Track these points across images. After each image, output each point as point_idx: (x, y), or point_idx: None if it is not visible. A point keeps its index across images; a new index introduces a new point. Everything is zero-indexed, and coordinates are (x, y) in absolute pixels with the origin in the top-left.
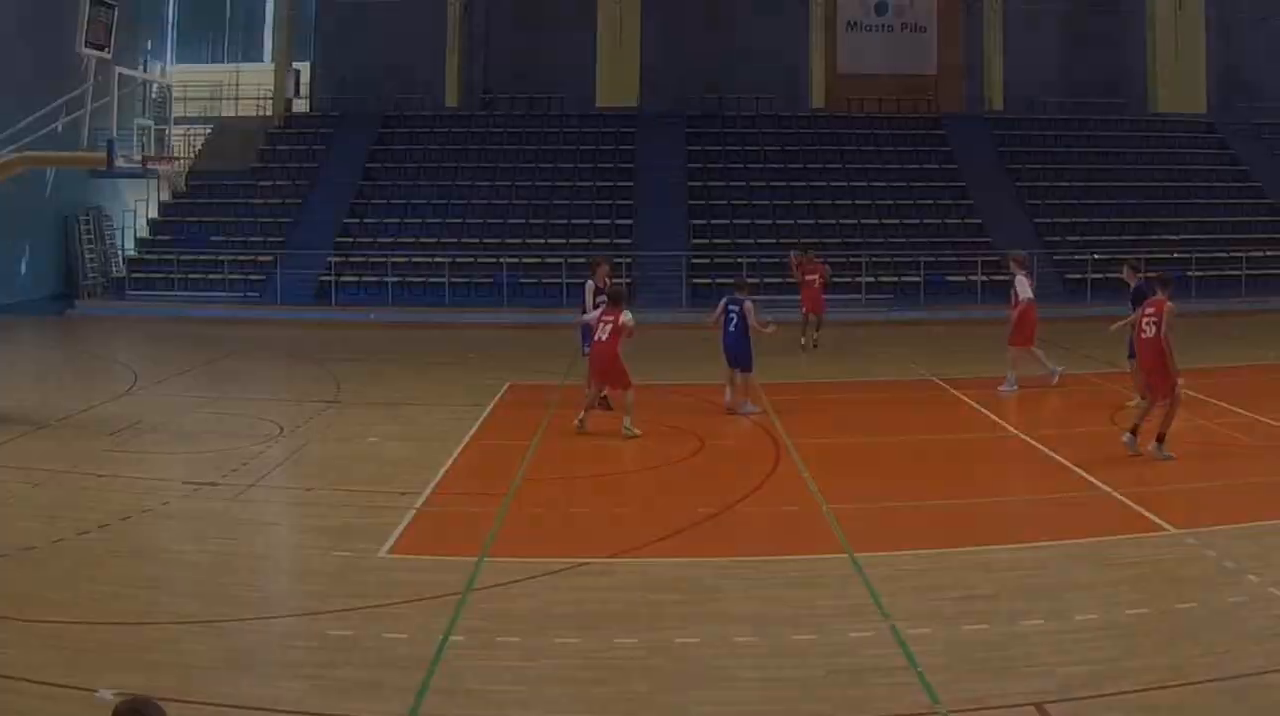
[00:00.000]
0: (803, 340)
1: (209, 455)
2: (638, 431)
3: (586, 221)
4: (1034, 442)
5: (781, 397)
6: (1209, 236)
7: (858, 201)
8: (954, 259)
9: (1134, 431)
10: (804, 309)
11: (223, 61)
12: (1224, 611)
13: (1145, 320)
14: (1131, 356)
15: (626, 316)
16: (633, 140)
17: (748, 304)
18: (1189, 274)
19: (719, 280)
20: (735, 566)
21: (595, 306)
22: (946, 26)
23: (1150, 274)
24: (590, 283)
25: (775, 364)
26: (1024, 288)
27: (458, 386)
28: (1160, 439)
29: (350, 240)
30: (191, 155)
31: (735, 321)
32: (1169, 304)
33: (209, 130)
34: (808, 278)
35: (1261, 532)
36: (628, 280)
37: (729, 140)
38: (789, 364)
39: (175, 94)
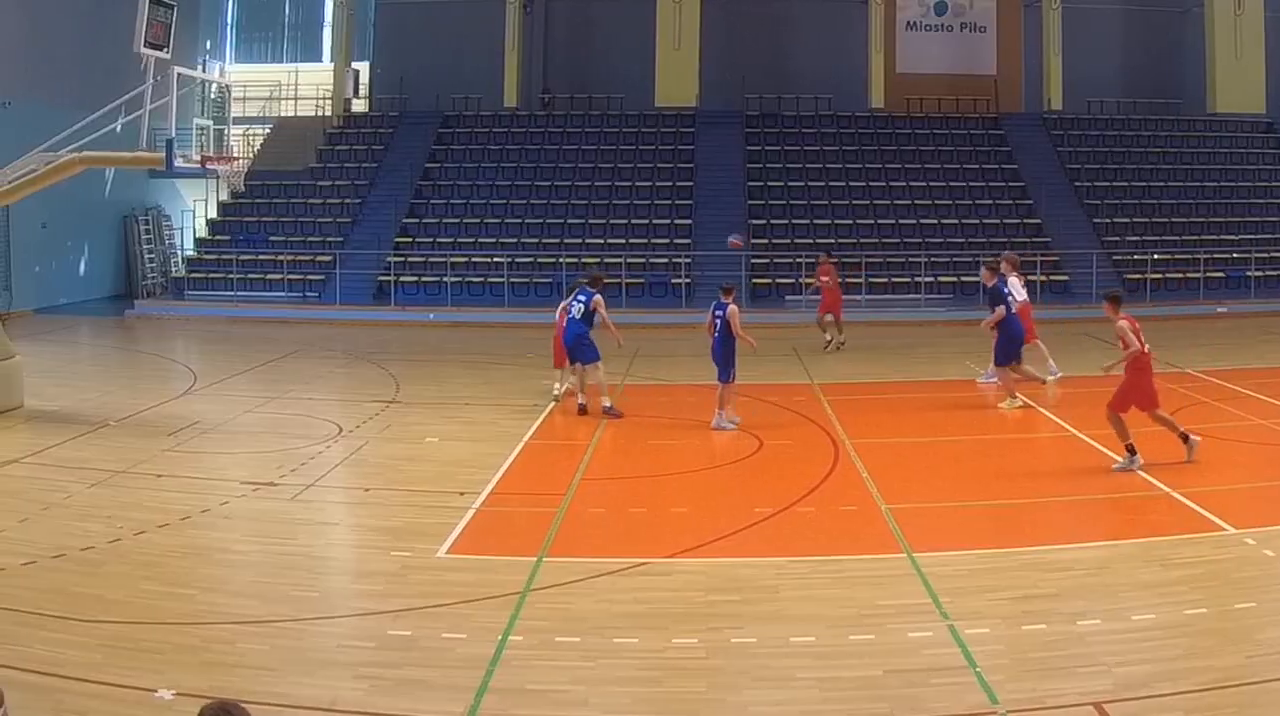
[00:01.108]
0: (827, 343)
1: (268, 455)
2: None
3: (645, 221)
4: (1093, 442)
5: (840, 398)
6: (1268, 236)
7: (917, 202)
8: None
9: (1184, 439)
10: (820, 311)
11: (281, 61)
12: None
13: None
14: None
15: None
16: (692, 140)
17: (732, 308)
18: (1248, 274)
19: (779, 279)
20: (794, 566)
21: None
22: (1006, 27)
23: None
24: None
25: (833, 365)
26: (1018, 289)
27: (516, 386)
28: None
29: (409, 240)
30: (250, 155)
31: (719, 326)
32: (1121, 323)
33: (268, 130)
34: (823, 279)
35: None
36: (687, 279)
37: (788, 140)
38: (848, 364)
39: (234, 94)
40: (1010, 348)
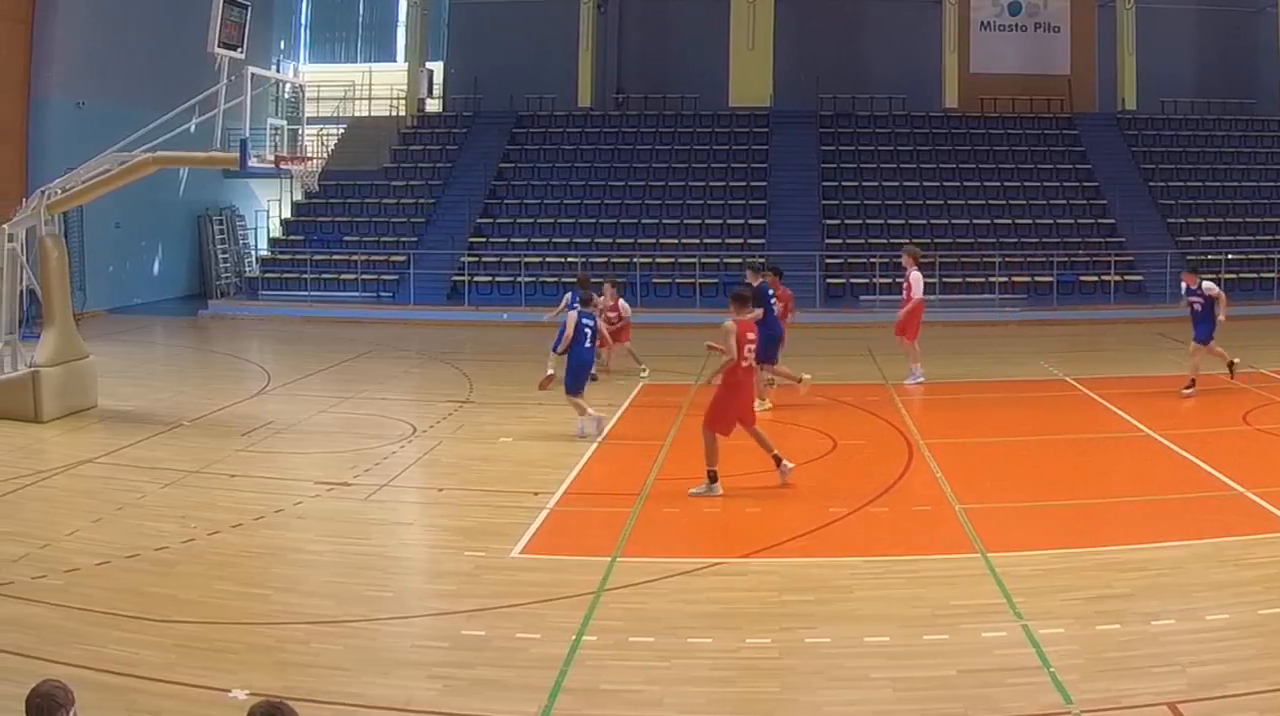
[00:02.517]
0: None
1: (341, 455)
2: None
3: (719, 221)
4: (1166, 442)
5: (914, 398)
6: None
7: (991, 201)
8: (1086, 259)
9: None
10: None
11: (355, 61)
12: None
13: None
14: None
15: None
16: (766, 140)
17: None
18: None
19: (853, 279)
20: (867, 566)
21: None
22: (1080, 26)
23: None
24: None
25: (908, 365)
26: (918, 284)
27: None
28: None
29: (483, 240)
30: (324, 155)
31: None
32: (728, 325)
33: (342, 130)
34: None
35: None
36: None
37: (862, 140)
38: (922, 364)
39: (308, 94)
40: (767, 349)
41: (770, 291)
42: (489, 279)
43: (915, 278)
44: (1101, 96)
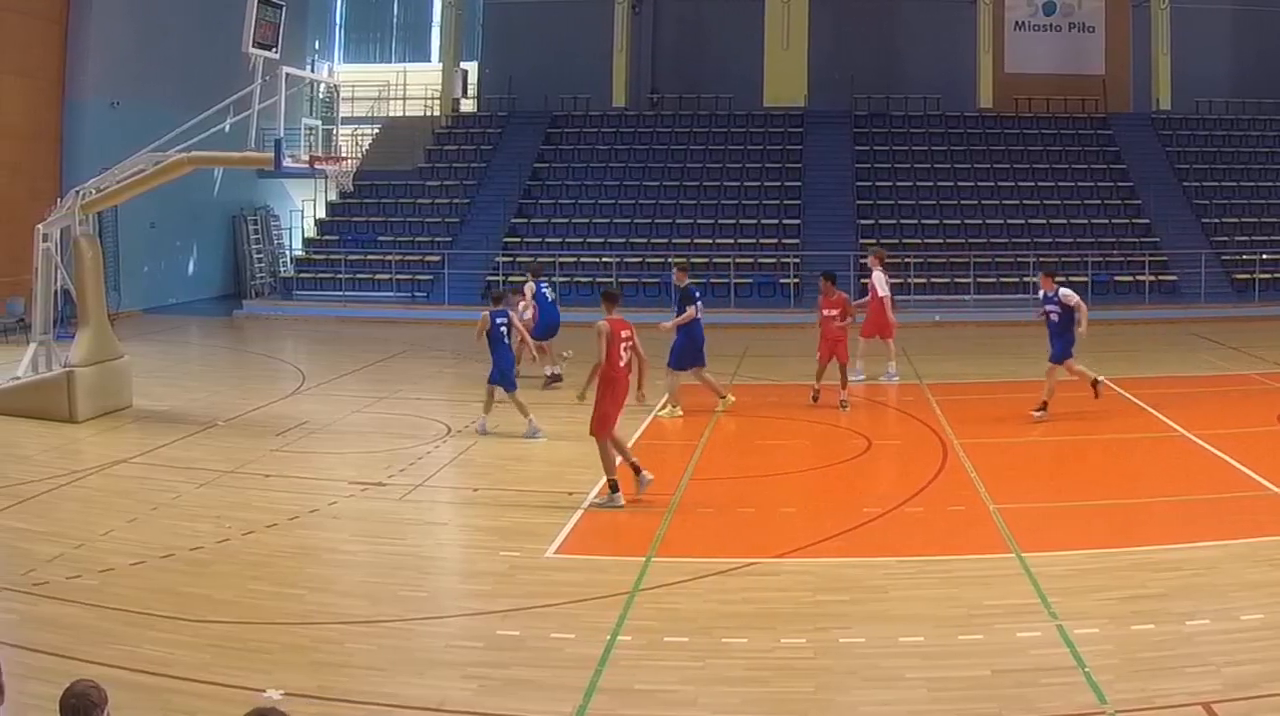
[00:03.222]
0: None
1: (376, 455)
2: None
3: (754, 221)
4: (1200, 441)
5: (948, 398)
6: None
7: (1025, 201)
8: (1121, 259)
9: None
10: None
11: (389, 61)
12: None
13: None
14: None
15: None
16: (800, 140)
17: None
18: None
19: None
20: (902, 566)
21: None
22: (1114, 26)
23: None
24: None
25: (942, 365)
26: (881, 284)
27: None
28: None
29: (518, 240)
30: (359, 155)
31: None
32: (601, 324)
33: (376, 130)
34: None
35: None
36: (795, 279)
37: (896, 140)
38: (957, 364)
39: (342, 94)
40: (689, 352)
41: (696, 293)
42: (523, 280)
43: (878, 277)
44: (1136, 96)
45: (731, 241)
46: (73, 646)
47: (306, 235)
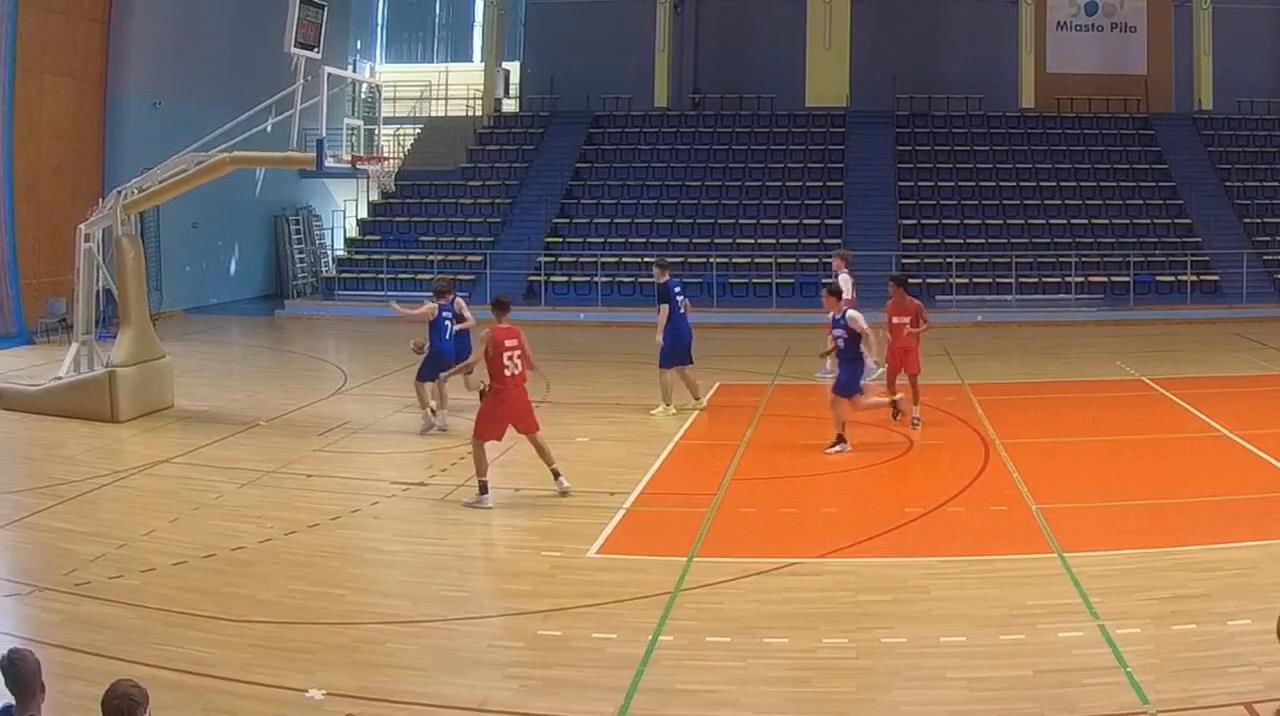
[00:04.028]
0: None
1: (417, 455)
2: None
3: (796, 221)
4: (1242, 442)
5: (990, 398)
6: None
7: (1067, 202)
8: (1163, 259)
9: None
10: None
11: (431, 61)
12: None
13: None
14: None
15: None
16: (842, 140)
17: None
18: None
19: (929, 279)
20: (944, 566)
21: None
22: (1156, 26)
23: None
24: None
25: (984, 365)
26: (846, 287)
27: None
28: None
29: (560, 240)
30: (401, 155)
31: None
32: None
33: (418, 130)
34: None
35: None
36: (836, 280)
37: (938, 140)
38: (999, 364)
39: (384, 94)
40: (678, 351)
41: (676, 289)
42: (565, 279)
43: (844, 280)
44: (1178, 96)
45: (773, 241)
46: (115, 646)
47: (348, 235)
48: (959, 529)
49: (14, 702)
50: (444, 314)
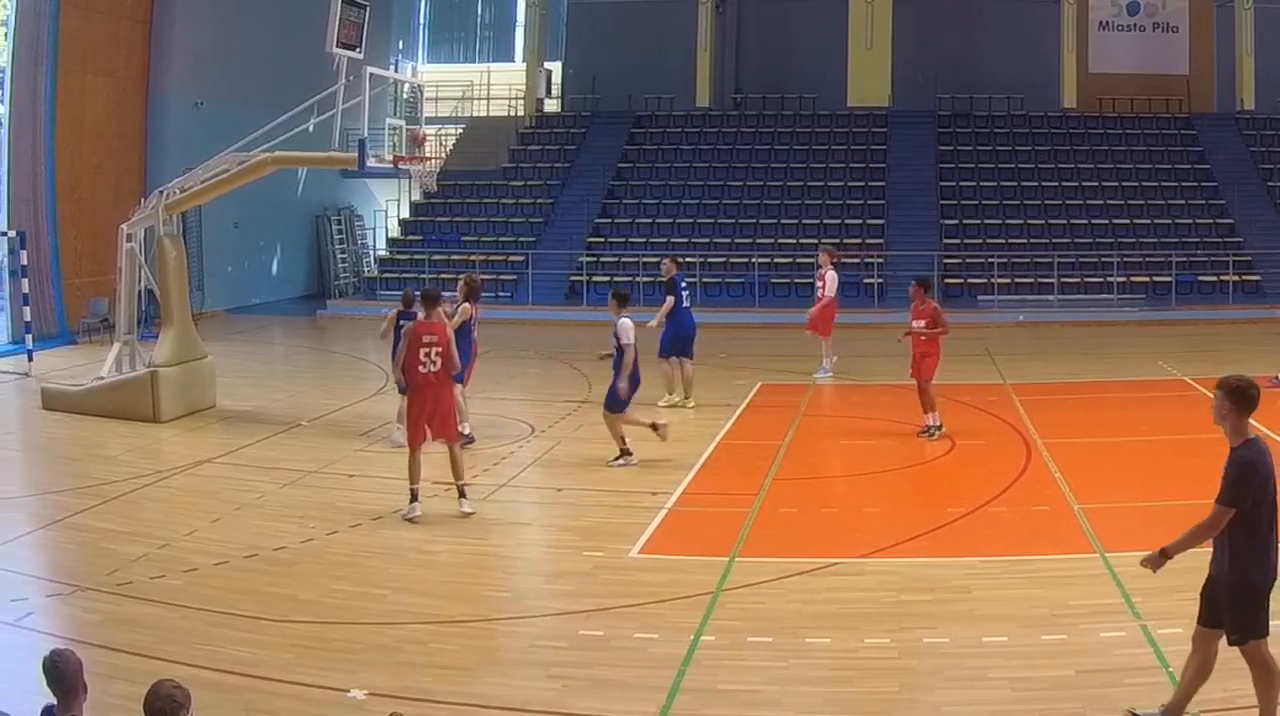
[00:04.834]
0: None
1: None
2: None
3: (838, 221)
4: None
5: (1032, 398)
6: None
7: (1109, 202)
8: (1205, 259)
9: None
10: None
11: (473, 61)
12: None
13: None
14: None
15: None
16: (884, 140)
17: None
18: None
19: (970, 279)
20: (986, 566)
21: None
22: (1198, 26)
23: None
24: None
25: (1025, 365)
26: (832, 284)
27: (708, 386)
28: None
29: (602, 240)
30: (443, 155)
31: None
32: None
33: (460, 130)
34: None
35: None
36: (879, 279)
37: (980, 140)
38: (1041, 364)
39: (426, 94)
40: (678, 342)
41: (682, 284)
42: (607, 279)
43: (831, 276)
44: (1220, 96)
45: (815, 241)
46: (156, 646)
47: (390, 235)
48: (1001, 529)
49: (56, 702)
50: (401, 323)
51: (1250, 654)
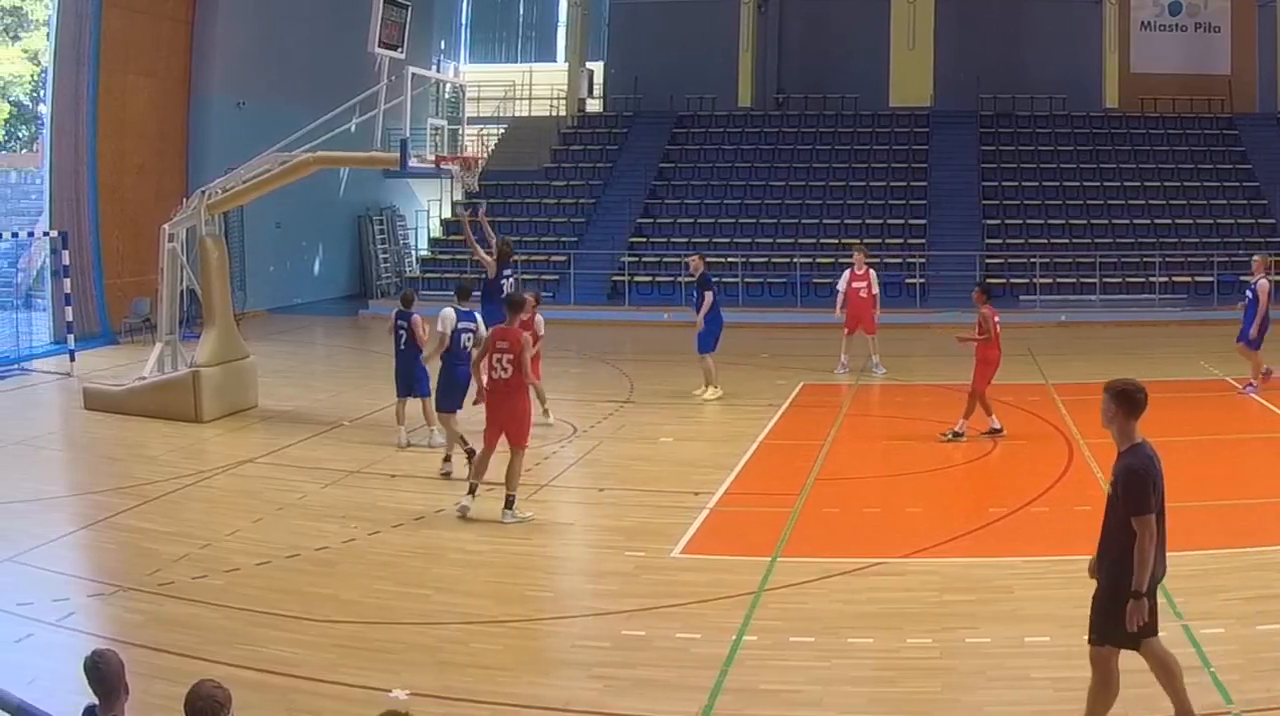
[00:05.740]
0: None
1: (501, 455)
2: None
3: (880, 221)
4: None
5: (1074, 398)
6: None
7: (1151, 202)
8: (1246, 259)
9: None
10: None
11: (515, 61)
12: None
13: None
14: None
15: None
16: (926, 140)
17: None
18: None
19: (1013, 279)
20: (1028, 566)
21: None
22: (1240, 26)
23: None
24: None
25: (1068, 365)
26: (843, 280)
27: (751, 386)
28: None
29: (644, 240)
30: (485, 155)
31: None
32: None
33: (502, 130)
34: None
35: None
36: (921, 279)
37: (1022, 140)
38: (1083, 364)
39: (468, 94)
40: (716, 336)
41: (712, 278)
42: (649, 279)
43: (873, 276)
44: (1262, 96)
45: (857, 241)
46: (198, 646)
47: (432, 235)
48: (1043, 529)
49: (98, 702)
50: (399, 323)
51: (1097, 657)
